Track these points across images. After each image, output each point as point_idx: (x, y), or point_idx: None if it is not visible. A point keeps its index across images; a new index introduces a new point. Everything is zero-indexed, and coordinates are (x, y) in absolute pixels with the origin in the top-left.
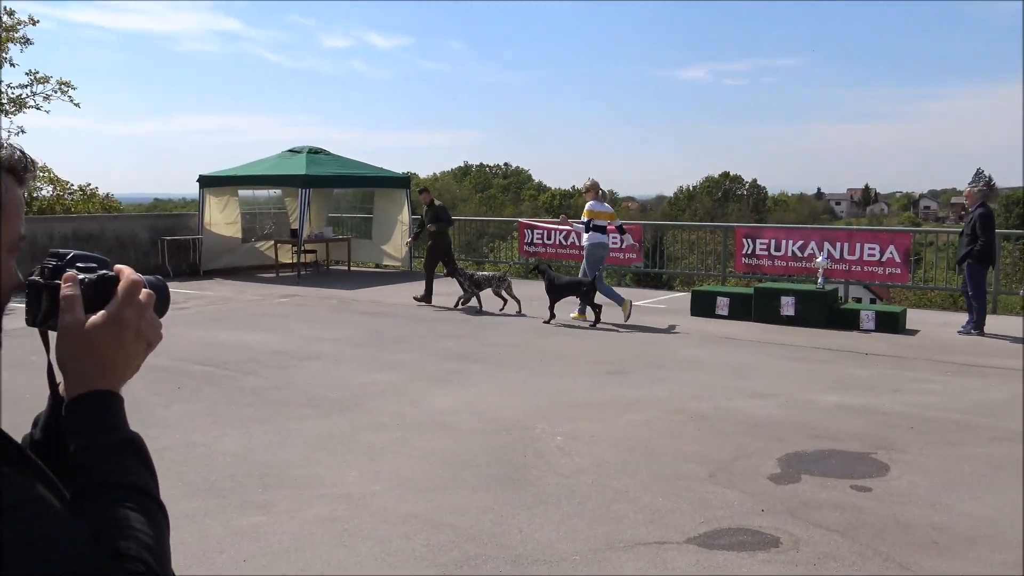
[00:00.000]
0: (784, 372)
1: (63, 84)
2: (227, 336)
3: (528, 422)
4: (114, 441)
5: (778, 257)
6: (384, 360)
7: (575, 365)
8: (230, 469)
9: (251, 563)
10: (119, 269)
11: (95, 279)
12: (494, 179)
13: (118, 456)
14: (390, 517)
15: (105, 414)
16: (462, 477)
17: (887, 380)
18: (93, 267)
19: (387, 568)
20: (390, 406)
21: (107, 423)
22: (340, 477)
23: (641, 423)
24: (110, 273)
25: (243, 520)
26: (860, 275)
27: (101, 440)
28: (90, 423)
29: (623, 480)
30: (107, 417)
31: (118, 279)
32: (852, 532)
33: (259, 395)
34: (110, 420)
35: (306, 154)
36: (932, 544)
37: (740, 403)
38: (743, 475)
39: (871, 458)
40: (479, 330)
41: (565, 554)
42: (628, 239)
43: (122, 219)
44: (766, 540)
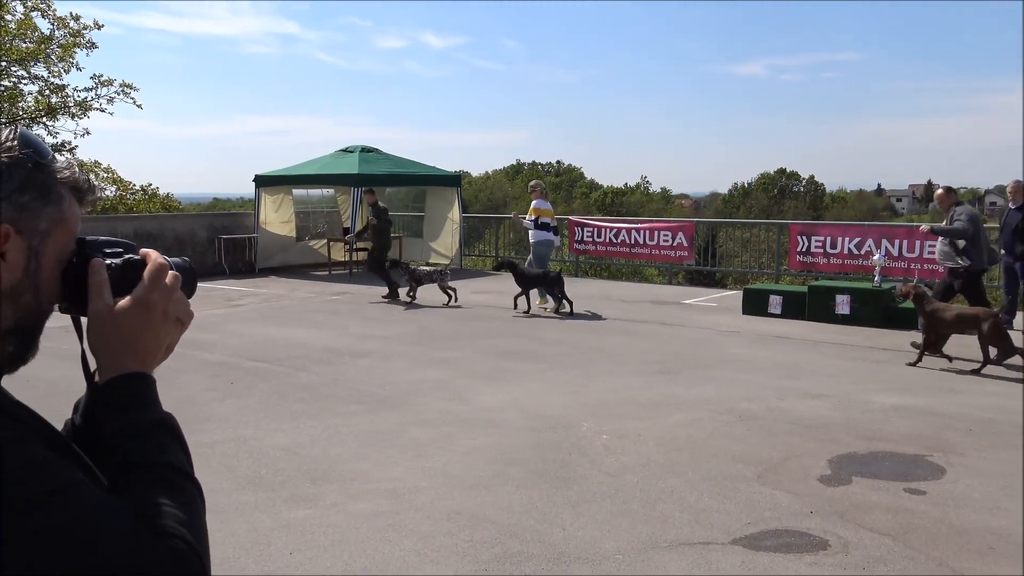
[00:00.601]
0: (838, 372)
1: (126, 86)
2: (280, 333)
3: (574, 420)
4: (148, 421)
5: (834, 255)
6: (433, 357)
7: (625, 364)
8: (280, 463)
9: (297, 555)
10: (145, 253)
11: (121, 264)
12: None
13: (153, 436)
14: (434, 513)
15: (138, 395)
16: (507, 474)
17: (945, 380)
18: (119, 252)
19: (429, 564)
20: (437, 403)
21: (141, 404)
22: (386, 472)
23: (689, 423)
24: (135, 257)
25: (291, 513)
26: (920, 273)
27: (135, 421)
28: (125, 405)
29: (669, 480)
30: (140, 398)
31: (144, 263)
32: (904, 536)
33: (310, 391)
34: (143, 401)
35: (359, 153)
36: (988, 550)
37: (791, 403)
38: (792, 476)
39: (926, 460)
40: (530, 328)
41: (608, 553)
42: (557, 240)
43: (181, 218)
44: (814, 542)
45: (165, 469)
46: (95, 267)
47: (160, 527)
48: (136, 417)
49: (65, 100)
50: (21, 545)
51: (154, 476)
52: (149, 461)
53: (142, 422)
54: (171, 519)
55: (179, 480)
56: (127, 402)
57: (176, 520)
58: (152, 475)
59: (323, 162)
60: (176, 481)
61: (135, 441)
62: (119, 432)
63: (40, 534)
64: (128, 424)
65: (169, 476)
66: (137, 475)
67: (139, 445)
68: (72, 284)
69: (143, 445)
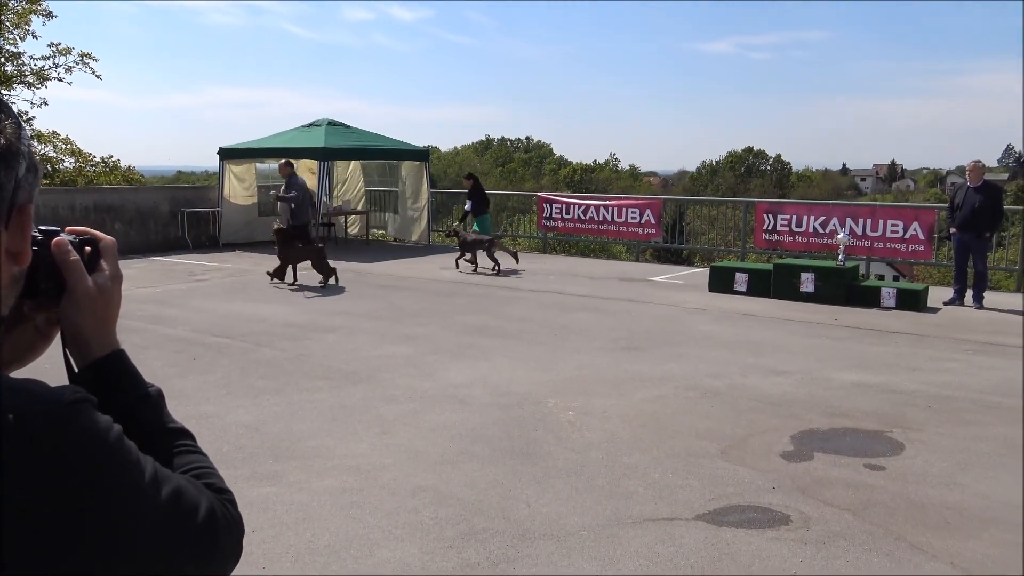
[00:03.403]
0: (801, 349)
1: (85, 56)
2: (243, 308)
3: (541, 397)
4: (153, 392)
5: (799, 233)
6: (399, 333)
7: (592, 341)
8: (242, 440)
9: (259, 534)
10: (75, 230)
11: (79, 241)
12: (515, 153)
13: (159, 405)
14: (399, 490)
15: (131, 369)
16: (472, 451)
17: (906, 358)
18: (56, 230)
19: (394, 541)
20: (404, 379)
21: (136, 377)
22: (351, 449)
23: (655, 399)
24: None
25: (252, 491)
26: (883, 252)
27: (141, 393)
28: (134, 378)
29: (634, 456)
30: (134, 371)
31: (94, 238)
32: (863, 511)
33: (273, 367)
34: (136, 374)
35: (325, 127)
36: (945, 524)
37: (755, 380)
38: (755, 452)
39: (886, 437)
40: (498, 305)
41: (573, 529)
42: None
43: (143, 191)
44: (776, 518)
45: (182, 434)
46: (63, 246)
47: (212, 485)
48: (138, 390)
49: (21, 69)
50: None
51: (181, 441)
52: (169, 428)
53: (146, 394)
54: (214, 478)
55: (195, 443)
56: (127, 377)
57: (217, 478)
58: (179, 440)
59: (289, 136)
60: (195, 444)
61: (152, 411)
62: (139, 403)
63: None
64: (135, 398)
65: (188, 439)
66: (168, 442)
67: (156, 414)
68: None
69: (160, 413)
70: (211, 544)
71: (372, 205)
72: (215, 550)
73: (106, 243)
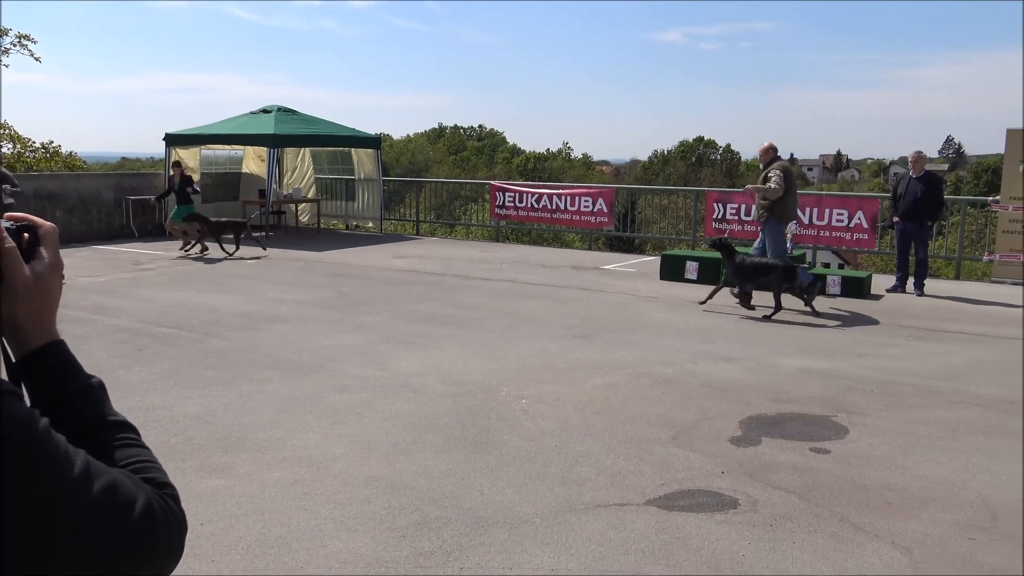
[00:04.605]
0: (750, 336)
1: (22, 37)
2: (191, 298)
3: (494, 385)
4: (94, 383)
5: (748, 222)
6: (351, 322)
7: (544, 328)
8: (190, 432)
9: (208, 526)
10: (13, 216)
11: (16, 228)
12: (468, 141)
13: (102, 397)
14: (351, 480)
15: (71, 360)
16: (426, 440)
17: (850, 344)
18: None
19: (346, 531)
20: (355, 369)
21: (76, 368)
22: (302, 440)
23: (606, 386)
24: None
25: (201, 483)
26: (829, 240)
27: (84, 384)
28: (74, 369)
29: (586, 443)
30: (74, 362)
31: (33, 225)
32: (809, 493)
33: (222, 357)
34: (76, 364)
35: (275, 113)
36: (887, 505)
37: (705, 367)
38: (705, 438)
39: (831, 421)
40: (450, 293)
41: (526, 516)
42: None
43: (85, 178)
44: (725, 501)
45: (123, 426)
46: None
47: (153, 479)
48: (78, 381)
49: None
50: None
51: (122, 434)
52: (111, 420)
53: (88, 385)
54: (156, 472)
55: (136, 435)
56: (66, 368)
57: (159, 472)
58: (119, 433)
59: (238, 122)
60: (137, 436)
61: (93, 402)
62: (79, 395)
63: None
64: (75, 390)
65: (129, 431)
66: (107, 434)
67: (96, 405)
68: None
69: (100, 405)
70: (149, 540)
71: (323, 193)
72: (153, 546)
73: (46, 230)
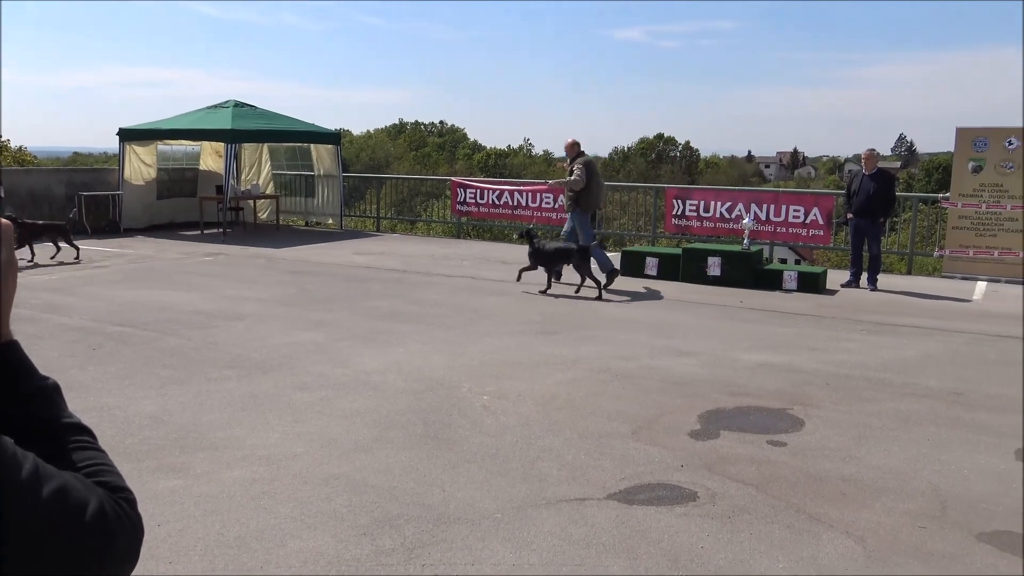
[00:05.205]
0: (709, 331)
1: None
2: (147, 295)
3: (455, 382)
4: (48, 385)
5: (707, 218)
6: (311, 320)
7: (505, 325)
8: (146, 432)
9: (165, 527)
10: None
11: None
12: (429, 137)
13: (57, 399)
14: (311, 478)
15: (25, 360)
16: (387, 437)
17: (806, 339)
18: None
19: (306, 530)
20: (315, 366)
21: (30, 369)
22: (261, 439)
23: (567, 382)
24: None
25: (158, 484)
26: (785, 236)
27: (39, 384)
28: (28, 370)
29: (547, 439)
30: (28, 363)
31: None
32: (766, 485)
33: (179, 356)
34: (30, 365)
35: (232, 108)
36: (841, 495)
37: (665, 362)
38: (665, 432)
39: (787, 414)
40: (410, 290)
41: (487, 512)
42: None
43: (36, 173)
44: (684, 494)
45: (78, 429)
46: None
47: (108, 483)
48: (32, 383)
49: None
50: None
51: (77, 436)
52: (65, 423)
53: (42, 387)
54: (111, 475)
55: (91, 437)
56: (20, 370)
57: (114, 475)
58: (74, 435)
59: (195, 117)
60: (92, 439)
61: (47, 403)
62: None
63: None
64: (36, 388)
65: (84, 434)
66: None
67: (51, 407)
68: None
69: (54, 406)
70: (101, 544)
71: (283, 190)
72: (106, 551)
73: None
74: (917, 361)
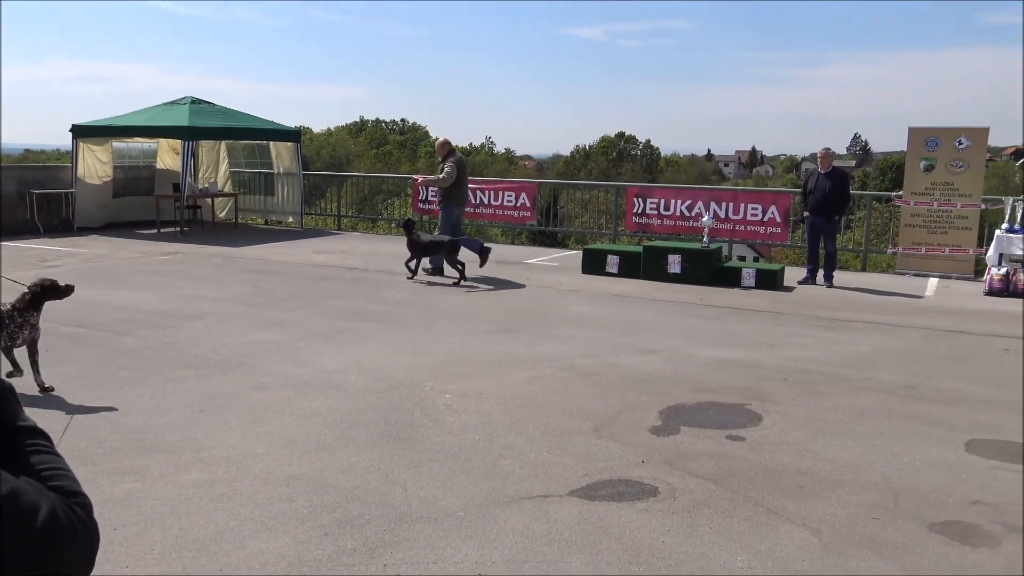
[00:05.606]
0: (669, 328)
1: None
2: (102, 296)
3: (417, 380)
4: (3, 389)
5: (667, 216)
6: (270, 319)
7: (467, 323)
8: (102, 435)
9: (122, 531)
10: None
11: None
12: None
13: (11, 402)
14: (272, 479)
15: None
16: (348, 437)
17: (764, 335)
18: None
19: (267, 531)
20: (275, 366)
21: None
22: (220, 440)
23: (530, 380)
24: None
25: (115, 487)
26: (744, 234)
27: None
28: None
29: (509, 436)
30: None
31: None
32: (725, 480)
33: (135, 356)
34: None
35: (189, 105)
36: (798, 488)
37: (626, 359)
38: (626, 428)
39: (746, 409)
40: (371, 288)
41: (450, 510)
42: None
43: None
44: (645, 490)
45: (33, 433)
46: None
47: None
48: None
49: None
50: None
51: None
52: (15, 427)
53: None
54: (66, 480)
55: (47, 441)
56: None
57: (69, 480)
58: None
59: (150, 113)
60: (47, 442)
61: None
62: None
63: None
64: None
65: (40, 438)
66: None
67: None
68: None
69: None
70: (53, 549)
71: (242, 188)
72: (58, 556)
73: None
74: (871, 356)
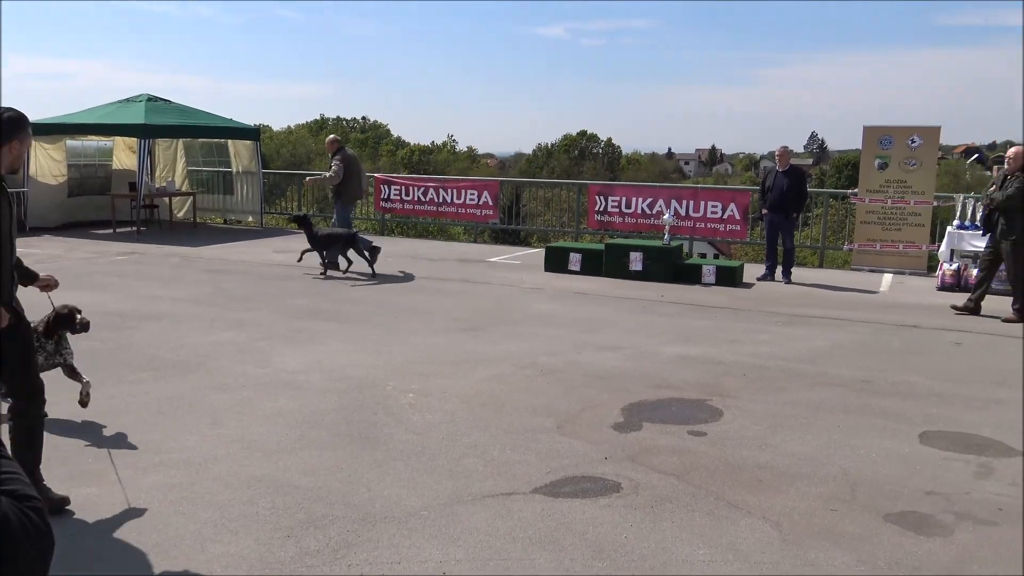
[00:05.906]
0: (631, 325)
1: None
2: (56, 297)
3: (379, 380)
4: None
5: (629, 214)
6: (229, 319)
7: (429, 322)
8: (57, 439)
9: (81, 539)
10: None
11: None
12: (352, 133)
13: None
14: (233, 481)
15: None
16: (311, 437)
17: (724, 331)
18: None
19: (228, 534)
20: (235, 366)
21: None
22: (180, 442)
23: (492, 378)
24: None
25: (72, 492)
26: (704, 231)
27: None
28: None
29: (473, 435)
30: None
31: None
32: (687, 475)
33: (92, 358)
34: None
35: (145, 102)
36: (758, 482)
37: (589, 356)
38: (589, 425)
39: (707, 404)
40: (332, 288)
41: (414, 509)
42: None
43: None
44: (608, 486)
45: None
46: None
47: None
48: None
49: None
50: None
51: None
52: None
53: None
54: (19, 484)
55: None
56: None
57: (23, 484)
58: None
59: (106, 111)
60: None
61: None
62: None
63: None
64: None
65: None
66: None
67: None
68: None
69: None
70: (5, 553)
71: (200, 187)
72: (11, 559)
73: None
74: (828, 351)
